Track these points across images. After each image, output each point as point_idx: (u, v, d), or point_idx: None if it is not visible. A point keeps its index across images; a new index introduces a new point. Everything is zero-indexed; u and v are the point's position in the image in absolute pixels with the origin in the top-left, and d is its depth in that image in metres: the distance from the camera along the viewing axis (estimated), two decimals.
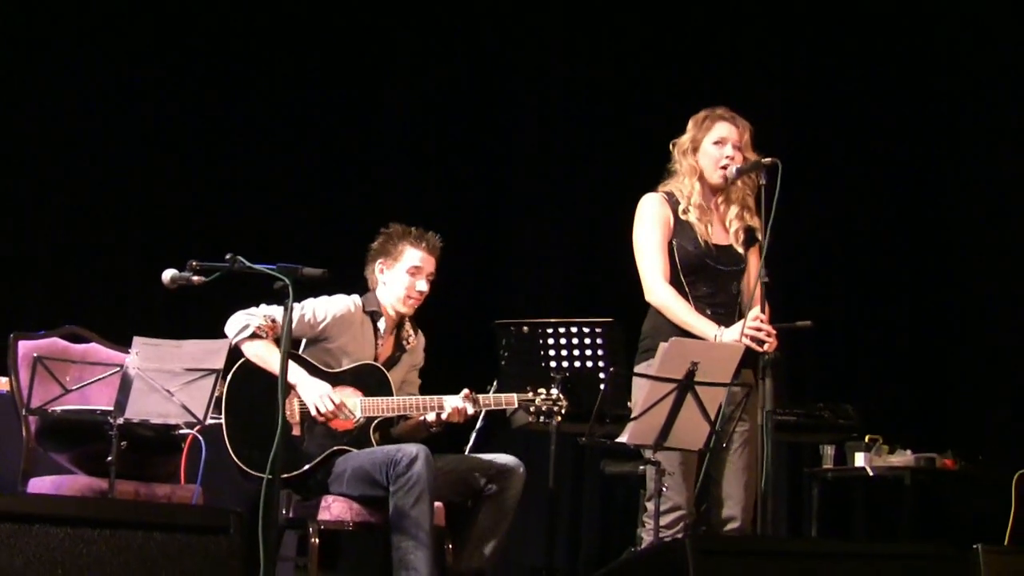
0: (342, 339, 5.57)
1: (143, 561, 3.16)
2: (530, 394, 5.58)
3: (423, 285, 5.65)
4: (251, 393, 5.39)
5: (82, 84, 8.07)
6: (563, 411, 5.61)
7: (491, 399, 5.57)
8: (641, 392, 4.71)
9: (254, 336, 5.39)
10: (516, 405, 5.60)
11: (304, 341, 5.59)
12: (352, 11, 8.84)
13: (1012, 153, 8.39)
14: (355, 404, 5.45)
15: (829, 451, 7.71)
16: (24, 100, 7.93)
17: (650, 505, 4.94)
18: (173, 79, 8.36)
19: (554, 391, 5.59)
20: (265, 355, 5.39)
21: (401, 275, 5.64)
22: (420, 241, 5.67)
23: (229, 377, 5.37)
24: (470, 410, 5.49)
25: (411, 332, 5.79)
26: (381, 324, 5.66)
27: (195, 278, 4.72)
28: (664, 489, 4.80)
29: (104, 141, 8.11)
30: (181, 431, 5.49)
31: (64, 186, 7.95)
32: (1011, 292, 8.28)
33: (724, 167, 5.18)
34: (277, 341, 5.38)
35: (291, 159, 8.75)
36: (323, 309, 5.53)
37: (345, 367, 5.55)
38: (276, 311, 5.41)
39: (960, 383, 8.51)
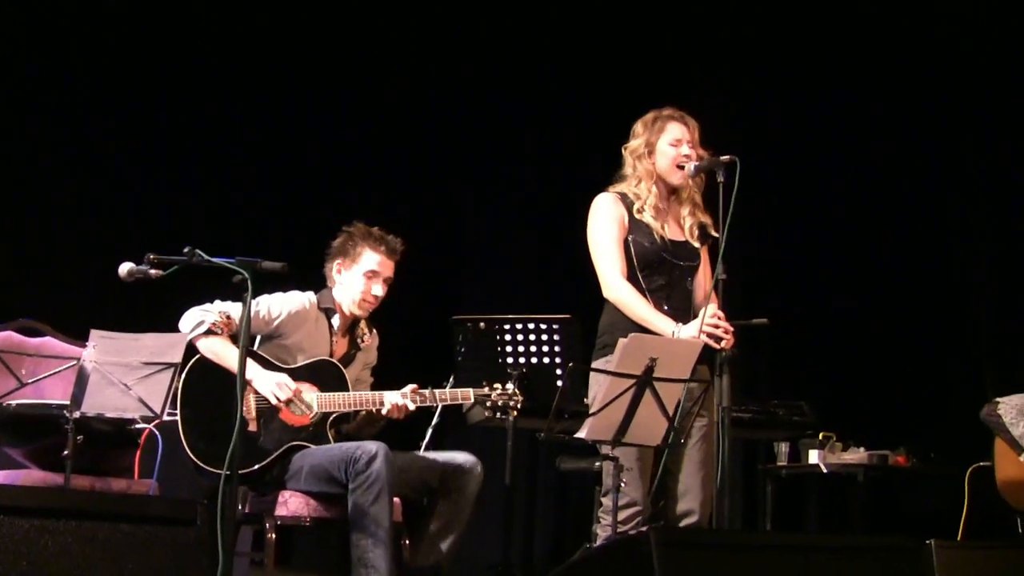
0: (297, 335, 5.55)
1: (109, 552, 3.14)
2: (486, 389, 5.57)
3: (379, 290, 5.63)
4: (207, 389, 5.36)
5: (36, 76, 8.01)
6: (519, 406, 5.61)
7: (447, 394, 5.55)
8: (600, 388, 4.72)
9: (209, 332, 5.37)
10: (472, 400, 5.58)
11: (259, 337, 5.57)
12: (313, 8, 8.82)
13: (964, 151, 8.48)
14: (312, 398, 5.44)
15: (783, 448, 7.76)
16: None
17: (606, 501, 4.95)
18: (130, 72, 8.31)
19: (510, 386, 5.58)
20: (220, 351, 5.37)
21: (358, 278, 5.62)
22: (380, 244, 5.64)
23: (184, 373, 5.33)
24: (411, 407, 5.45)
25: (366, 331, 5.79)
26: (335, 321, 5.65)
27: (152, 271, 4.69)
28: (622, 485, 4.82)
29: (60, 133, 8.05)
30: (137, 425, 5.46)
31: (19, 179, 7.87)
32: (963, 290, 8.36)
33: (682, 166, 5.21)
34: (232, 337, 5.38)
35: (250, 153, 8.72)
36: (278, 305, 5.51)
37: (301, 363, 5.53)
38: (231, 307, 5.40)
39: (912, 381, 8.57)
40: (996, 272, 8.29)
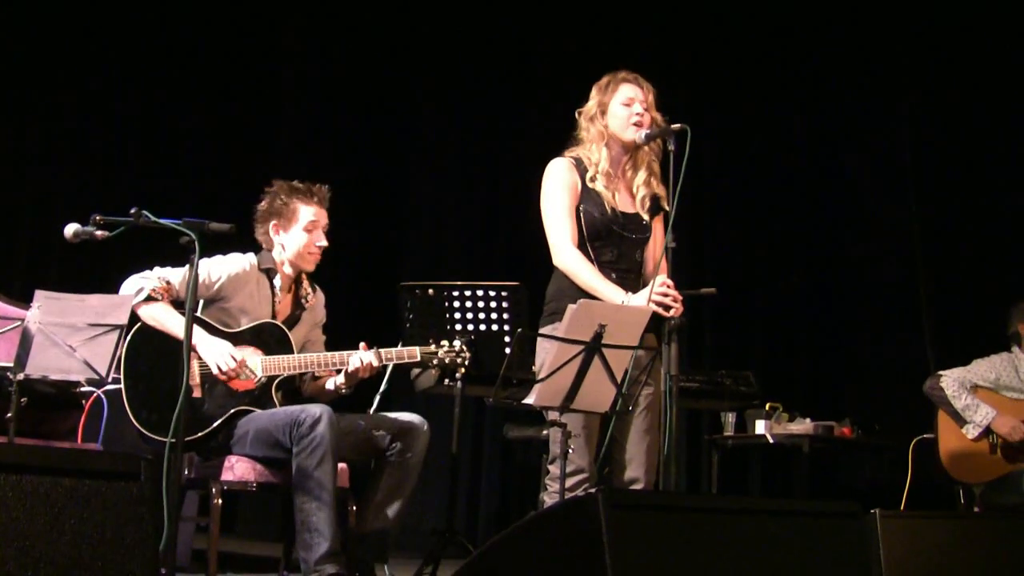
0: (238, 297, 5.50)
1: (50, 507, 3.10)
2: (432, 347, 5.55)
3: (322, 239, 5.60)
4: (149, 355, 5.31)
5: None
6: (466, 363, 5.58)
7: (393, 353, 5.50)
8: (548, 355, 4.71)
9: (149, 299, 5.31)
10: (419, 358, 5.54)
11: (202, 302, 5.51)
12: None
13: (906, 124, 8.56)
14: (256, 363, 5.40)
15: (730, 418, 7.78)
16: None
17: (553, 468, 4.94)
18: (72, 35, 8.25)
19: (457, 343, 5.56)
20: (161, 317, 5.32)
21: (298, 233, 5.58)
22: (311, 196, 5.62)
23: (127, 340, 5.27)
24: (376, 363, 5.44)
25: (309, 290, 5.74)
26: (277, 282, 5.60)
27: (98, 232, 4.65)
28: (569, 451, 4.82)
29: (2, 96, 7.97)
30: (82, 388, 5.40)
31: None
32: (908, 264, 8.42)
33: (637, 123, 5.18)
34: (173, 303, 5.34)
35: (194, 116, 8.68)
36: (218, 269, 5.46)
37: (244, 326, 5.49)
38: (170, 272, 5.36)
39: (858, 354, 8.65)
40: (938, 246, 8.36)
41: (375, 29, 9.24)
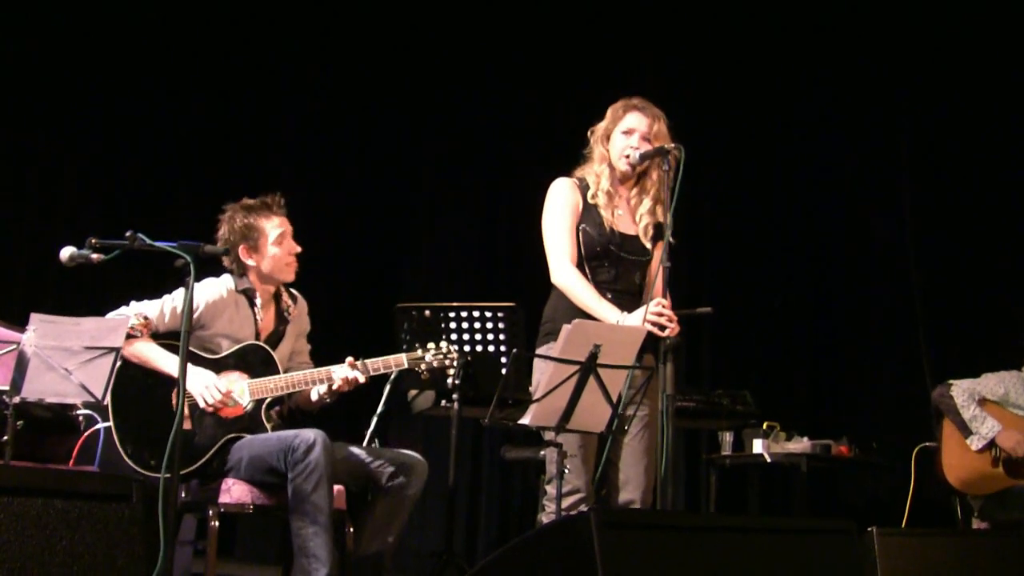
0: (218, 324, 5.45)
1: (41, 528, 3.10)
2: (419, 351, 5.49)
3: (294, 247, 5.55)
4: (136, 392, 5.27)
5: None
6: (455, 364, 5.54)
7: (380, 363, 5.41)
8: (544, 374, 4.71)
9: (129, 337, 5.22)
10: (406, 364, 5.48)
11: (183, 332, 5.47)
12: None
13: (903, 144, 8.57)
14: (242, 389, 5.36)
15: (727, 437, 7.77)
16: None
17: (550, 488, 4.94)
18: (69, 56, 8.26)
19: (444, 344, 5.51)
20: (144, 353, 5.29)
21: (271, 250, 5.51)
22: (268, 210, 5.55)
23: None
24: (361, 379, 5.41)
25: (290, 302, 5.68)
26: (257, 301, 5.56)
27: (94, 256, 4.65)
28: (565, 471, 4.81)
29: None
30: (78, 411, 5.39)
31: None
32: (902, 282, 8.43)
33: (627, 156, 5.21)
34: (153, 337, 5.31)
35: (188, 138, 8.69)
36: (195, 298, 5.40)
37: (227, 351, 5.45)
38: (146, 306, 5.33)
39: (855, 372, 8.65)
40: (934, 265, 8.36)
41: (376, 49, 9.26)
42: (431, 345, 5.51)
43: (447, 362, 5.49)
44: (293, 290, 5.76)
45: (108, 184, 8.28)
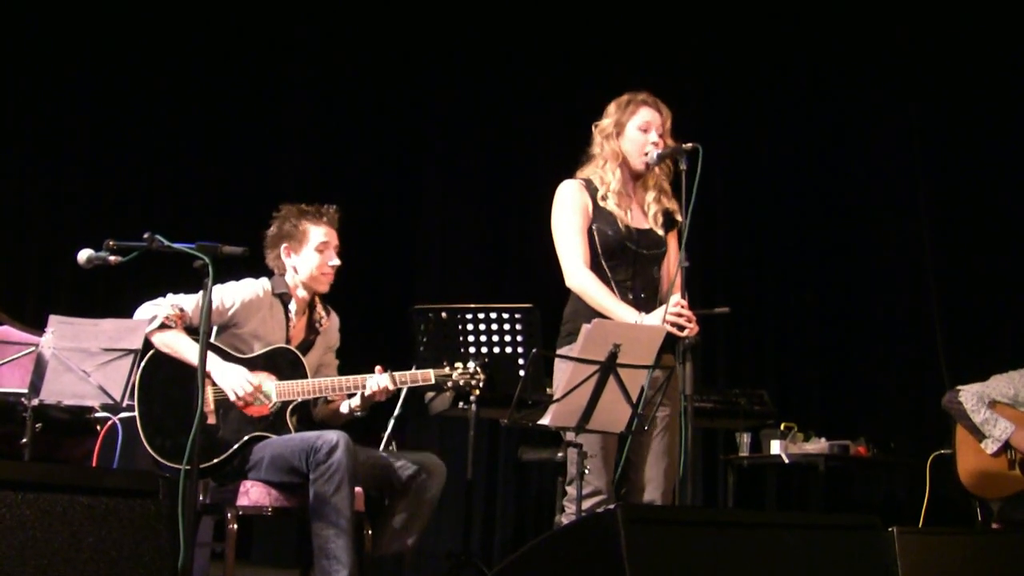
0: (252, 323, 5.48)
1: (68, 525, 3.09)
2: (447, 369, 5.49)
3: (334, 259, 5.59)
4: (163, 382, 5.29)
5: None
6: (480, 385, 5.54)
7: (407, 376, 5.44)
8: (563, 375, 4.70)
9: (163, 326, 5.28)
10: (433, 381, 5.50)
11: (215, 328, 5.49)
12: None
13: (918, 144, 8.55)
14: (270, 388, 5.38)
15: (745, 438, 7.75)
16: None
17: (570, 489, 4.92)
18: (85, 62, 8.27)
19: (471, 364, 5.51)
20: (175, 344, 5.31)
21: (310, 255, 5.56)
22: (320, 217, 5.61)
23: (141, 367, 5.26)
24: (391, 387, 5.42)
25: (323, 314, 5.72)
26: (292, 306, 5.59)
27: (112, 258, 4.64)
28: (585, 472, 4.80)
29: (12, 120, 8.00)
30: (97, 414, 5.39)
31: None
32: (920, 282, 8.40)
33: (646, 154, 5.18)
34: (187, 329, 5.33)
35: (205, 140, 8.71)
36: (231, 295, 5.45)
37: (258, 352, 5.47)
38: (183, 299, 5.35)
39: (872, 372, 8.62)
40: (950, 263, 8.34)
41: (386, 50, 9.26)
42: (459, 364, 5.50)
43: (473, 382, 5.49)
44: (328, 305, 5.78)
45: (118, 185, 8.29)
